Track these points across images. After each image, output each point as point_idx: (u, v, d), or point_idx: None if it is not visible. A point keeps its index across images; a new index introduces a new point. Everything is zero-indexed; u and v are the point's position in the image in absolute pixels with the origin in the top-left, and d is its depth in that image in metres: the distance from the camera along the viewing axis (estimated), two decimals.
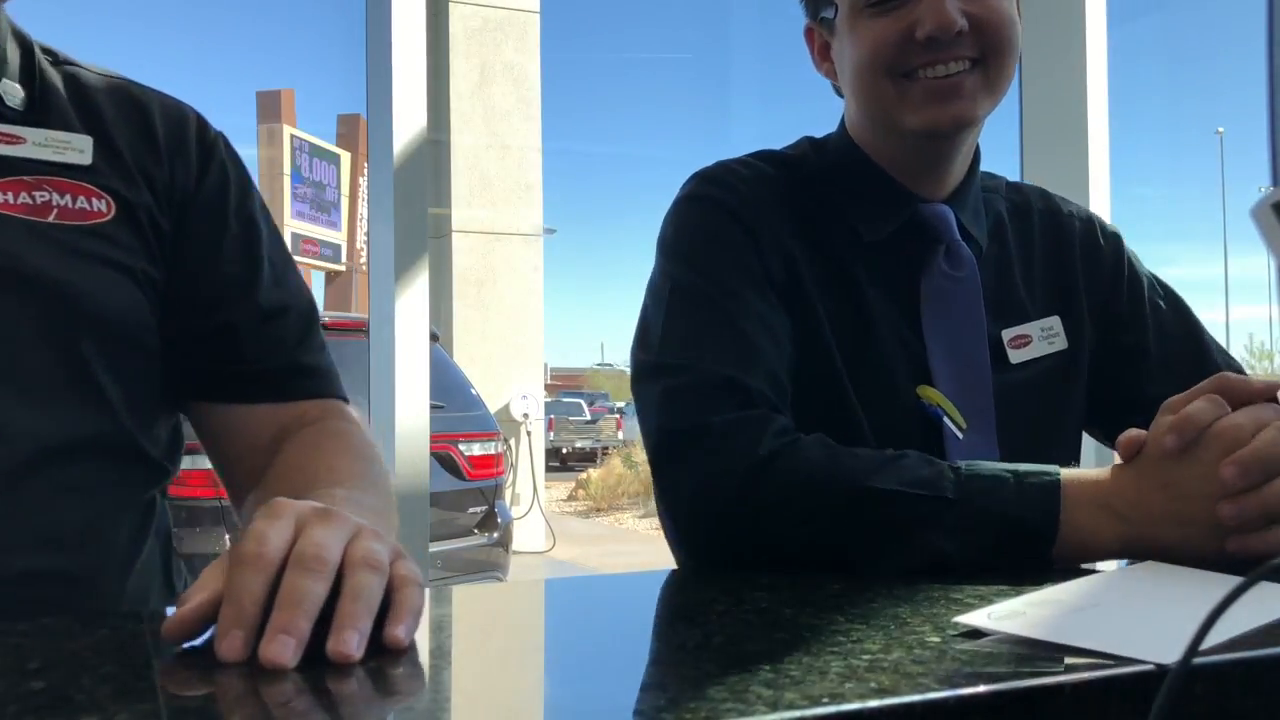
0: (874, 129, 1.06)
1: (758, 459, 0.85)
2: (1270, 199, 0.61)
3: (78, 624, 0.67)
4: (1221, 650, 0.54)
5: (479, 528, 5.17)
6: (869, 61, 1.00)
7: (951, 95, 0.99)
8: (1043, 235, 1.14)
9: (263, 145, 21.30)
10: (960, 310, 1.04)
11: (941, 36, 0.96)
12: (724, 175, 1.06)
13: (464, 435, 5.10)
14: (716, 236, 1.01)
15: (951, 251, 1.05)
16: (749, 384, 0.91)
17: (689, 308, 0.97)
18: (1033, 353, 1.07)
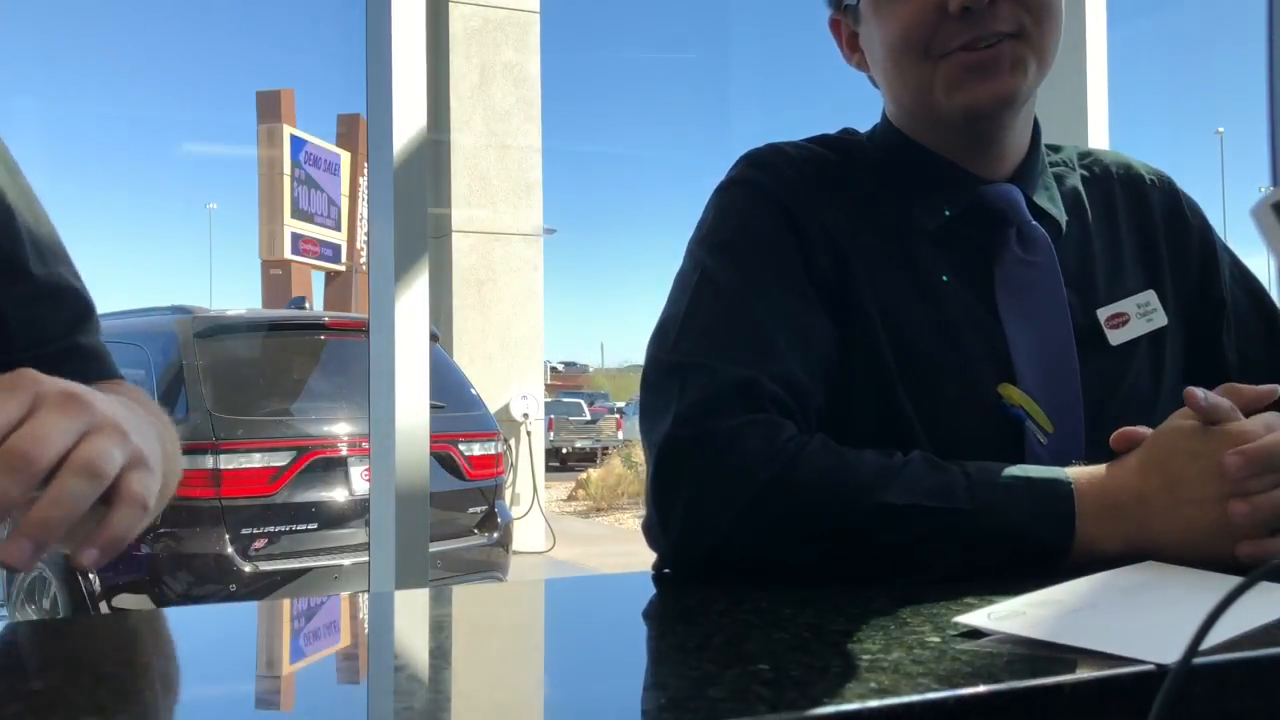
0: (914, 114, 1.00)
1: (759, 484, 0.79)
2: (1270, 199, 0.61)
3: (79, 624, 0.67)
4: (1221, 650, 0.54)
5: (479, 528, 5.17)
6: (900, 43, 0.94)
7: (992, 69, 0.92)
8: (1126, 204, 1.05)
9: (263, 145, 21.29)
10: (1040, 296, 0.96)
11: (975, 6, 0.89)
12: (773, 158, 0.99)
13: (464, 435, 5.11)
14: (757, 227, 0.95)
15: (1024, 234, 0.97)
16: (762, 388, 0.84)
17: (714, 301, 0.91)
18: (1132, 332, 0.98)
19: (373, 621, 0.77)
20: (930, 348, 0.93)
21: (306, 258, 21.66)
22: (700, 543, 0.81)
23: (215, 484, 4.33)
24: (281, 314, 5.91)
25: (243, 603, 3.47)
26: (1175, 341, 1.01)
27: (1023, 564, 0.77)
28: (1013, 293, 0.96)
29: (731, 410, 0.82)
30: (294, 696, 0.57)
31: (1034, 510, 0.78)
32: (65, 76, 63.26)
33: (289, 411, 4.77)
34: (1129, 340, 0.98)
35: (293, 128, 21.32)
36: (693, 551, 0.83)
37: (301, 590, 4.41)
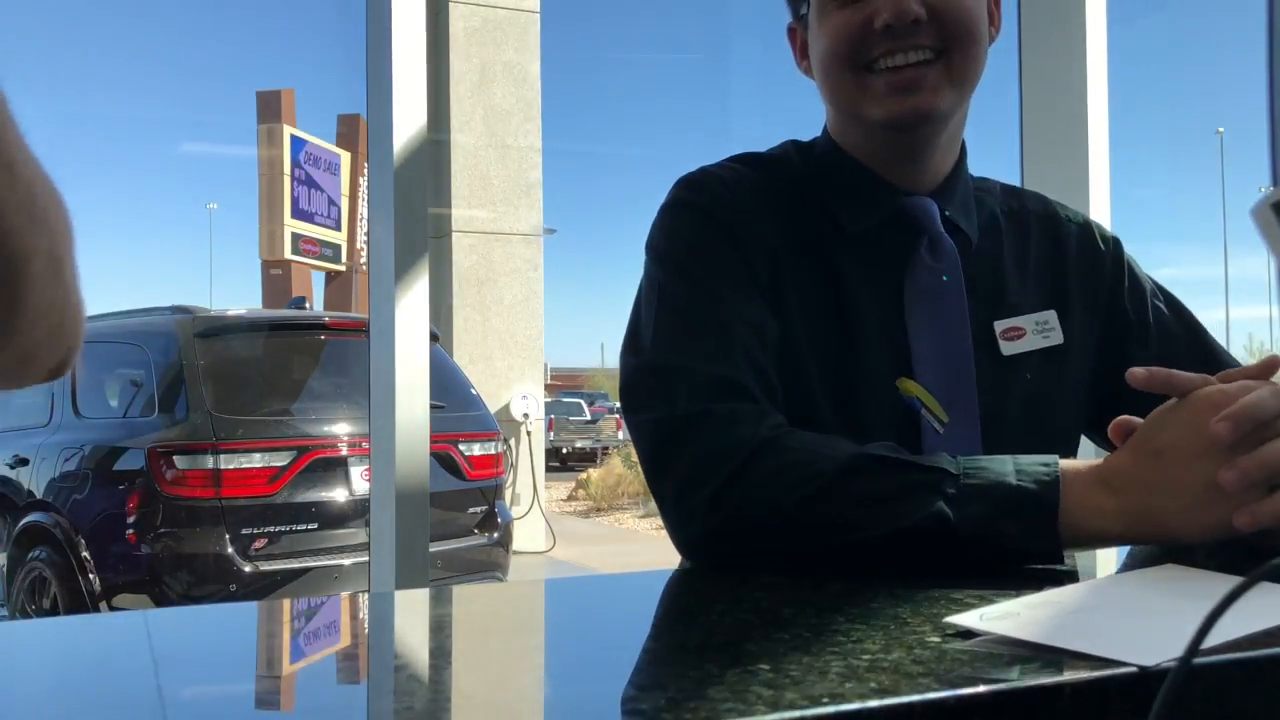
0: (845, 122, 1.08)
1: (758, 439, 0.87)
2: (1270, 199, 0.61)
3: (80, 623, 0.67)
4: (1221, 650, 0.54)
5: (479, 528, 5.17)
6: (831, 52, 1.02)
7: (911, 87, 0.99)
8: (1039, 238, 1.13)
9: (263, 145, 21.30)
10: (942, 301, 1.04)
11: (897, 24, 0.97)
12: (704, 180, 1.07)
13: (464, 435, 5.11)
14: (700, 241, 1.02)
15: (934, 243, 1.05)
16: (744, 381, 0.93)
17: (677, 310, 0.98)
18: (1026, 346, 1.06)
19: (373, 621, 0.77)
20: (840, 344, 1.02)
21: (306, 257, 21.67)
22: (700, 511, 0.87)
23: (215, 484, 4.33)
24: (281, 314, 5.91)
25: (243, 603, 3.47)
26: (1080, 359, 1.09)
27: (1017, 527, 0.78)
28: (918, 297, 1.04)
29: (718, 398, 0.91)
30: (294, 696, 0.57)
31: (1018, 470, 0.81)
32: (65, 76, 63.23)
33: (289, 411, 4.77)
34: (1022, 352, 1.06)
35: (293, 128, 21.32)
36: (695, 521, 0.88)
37: (301, 590, 4.41)
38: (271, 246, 21.45)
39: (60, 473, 4.79)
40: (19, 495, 4.97)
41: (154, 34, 66.90)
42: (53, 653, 0.66)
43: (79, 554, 4.46)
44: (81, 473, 4.72)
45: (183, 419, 4.49)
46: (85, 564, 4.43)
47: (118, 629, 0.72)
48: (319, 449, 4.60)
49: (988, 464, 0.82)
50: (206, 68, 68.01)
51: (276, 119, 21.40)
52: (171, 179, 73.62)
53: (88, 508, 4.57)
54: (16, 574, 4.82)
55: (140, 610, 0.78)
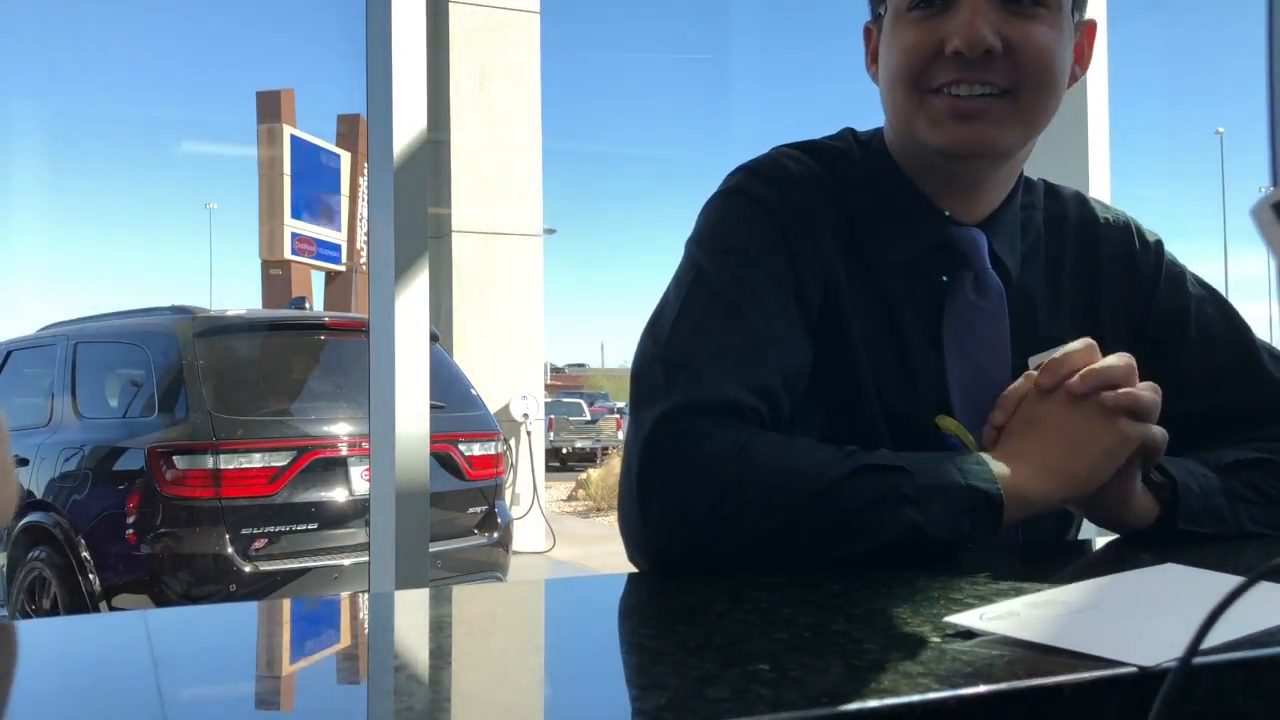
0: (901, 141, 1.04)
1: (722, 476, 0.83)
2: (1270, 199, 0.61)
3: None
4: (1221, 650, 0.54)
5: (479, 528, 5.17)
6: (897, 70, 0.98)
7: (974, 117, 0.95)
8: (1076, 253, 1.10)
9: (263, 145, 21.30)
10: (983, 340, 1.02)
11: (968, 54, 0.92)
12: (775, 173, 1.02)
13: (464, 435, 5.11)
14: (754, 239, 0.98)
15: (979, 279, 1.02)
16: (739, 395, 0.89)
17: (706, 304, 0.94)
18: None
19: (373, 621, 0.77)
20: (890, 373, 1.00)
21: (305, 257, 21.67)
22: (676, 534, 0.85)
23: (215, 484, 4.33)
24: (281, 314, 5.91)
25: (243, 603, 3.47)
26: None
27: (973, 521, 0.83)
28: (958, 332, 1.02)
29: (709, 414, 0.87)
30: (294, 696, 0.57)
31: (957, 466, 0.85)
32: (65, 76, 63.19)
33: (289, 411, 4.77)
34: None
35: (293, 128, 21.32)
36: (670, 542, 0.85)
37: (301, 590, 4.41)
38: (271, 246, 21.44)
39: (60, 473, 4.79)
40: (19, 495, 4.97)
41: (154, 33, 66.87)
42: (53, 653, 0.66)
43: (79, 554, 4.46)
44: (81, 473, 4.72)
45: (183, 419, 4.49)
46: (85, 564, 4.43)
47: (118, 629, 0.72)
48: (319, 449, 4.60)
49: (928, 462, 0.85)
50: (206, 68, 67.98)
51: (276, 119, 21.39)
52: (171, 179, 73.63)
53: (88, 508, 4.58)
54: (16, 574, 4.82)
55: (140, 610, 0.78)
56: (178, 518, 4.31)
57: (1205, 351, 1.07)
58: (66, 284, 74.57)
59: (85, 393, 5.11)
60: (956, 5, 0.94)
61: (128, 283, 76.74)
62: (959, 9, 0.93)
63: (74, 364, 5.18)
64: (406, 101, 2.16)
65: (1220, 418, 1.04)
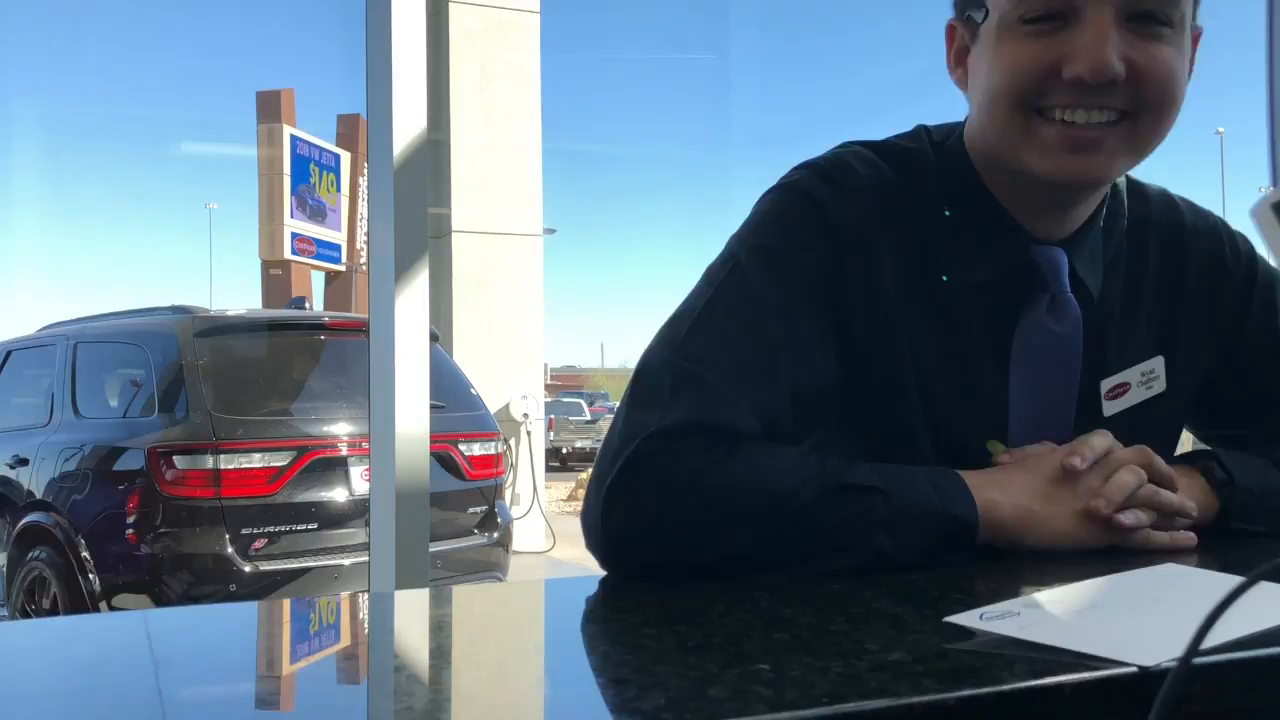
0: (993, 158, 0.96)
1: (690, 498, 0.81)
2: (1270, 199, 0.61)
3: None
4: (1221, 650, 0.54)
5: (479, 528, 5.17)
6: (1004, 87, 0.89)
7: (1088, 148, 0.88)
8: (1160, 263, 1.03)
9: (263, 145, 21.30)
10: (1053, 367, 0.96)
11: (1092, 80, 0.85)
12: (840, 176, 0.96)
13: (464, 435, 5.10)
14: (800, 239, 0.92)
15: (1056, 302, 0.95)
16: (740, 419, 0.84)
17: (733, 305, 0.90)
18: (1128, 401, 0.99)
19: (373, 621, 0.77)
20: (943, 392, 0.95)
21: (305, 257, 21.67)
22: (634, 548, 0.83)
23: (215, 484, 4.33)
24: (281, 314, 5.90)
25: (243, 603, 3.47)
26: (1179, 398, 1.03)
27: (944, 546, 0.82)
28: (1028, 357, 0.96)
29: (701, 435, 0.83)
30: (294, 696, 0.57)
31: (935, 487, 0.84)
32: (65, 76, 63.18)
33: (289, 411, 4.77)
34: (1122, 410, 1.00)
35: (293, 128, 21.33)
36: (626, 554, 0.84)
37: (301, 590, 4.41)
38: (271, 246, 21.45)
39: (60, 473, 4.79)
40: (19, 495, 4.97)
41: (154, 33, 66.87)
42: (53, 653, 0.66)
43: (79, 554, 4.46)
44: (81, 473, 4.72)
45: (183, 419, 4.49)
46: (85, 564, 4.43)
47: (118, 629, 0.72)
48: (319, 449, 4.59)
49: (910, 481, 0.83)
50: (206, 68, 67.96)
51: (276, 119, 21.40)
52: (171, 179, 73.57)
53: (88, 508, 4.57)
54: (16, 574, 4.81)
55: (140, 610, 0.78)
56: (178, 518, 4.30)
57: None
58: (66, 284, 74.55)
59: (85, 393, 5.11)
60: (1078, 23, 0.86)
61: (128, 283, 76.71)
62: (1081, 28, 0.86)
63: (74, 364, 5.18)
64: (406, 101, 2.16)
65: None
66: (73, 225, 69.63)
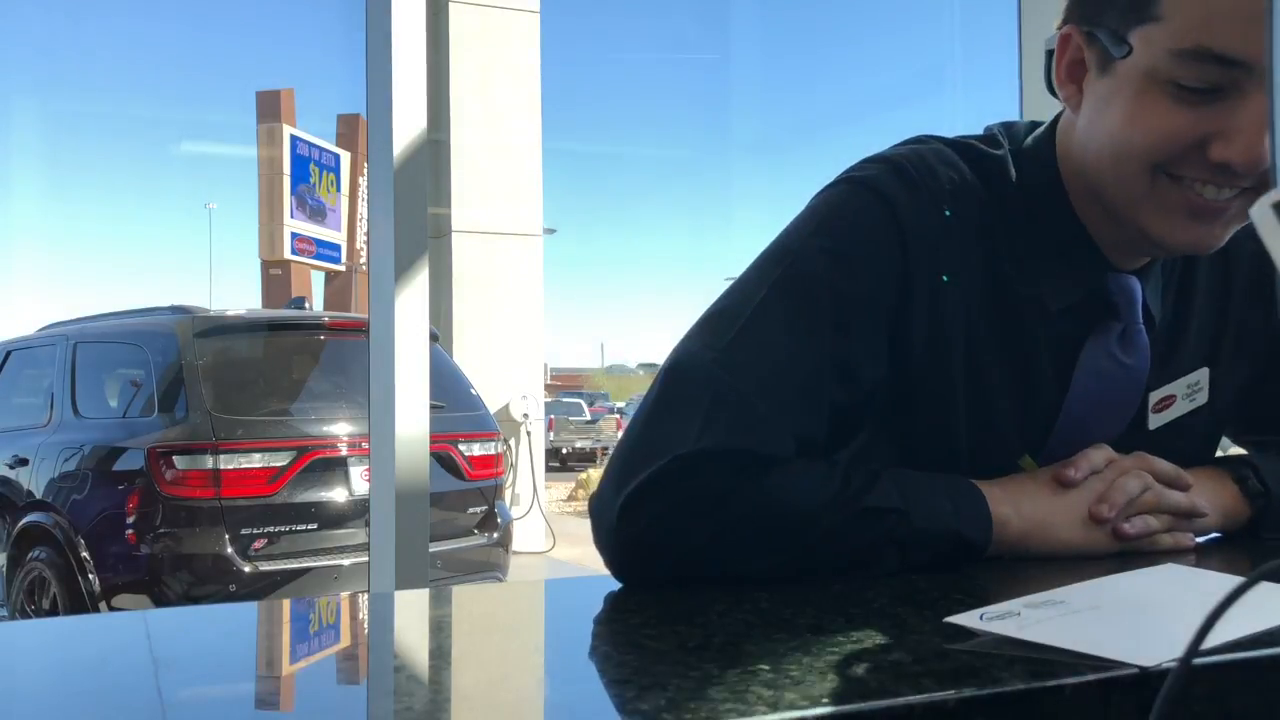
0: (1099, 195, 0.89)
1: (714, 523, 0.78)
2: (1270, 199, 0.61)
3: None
4: (1221, 650, 0.54)
5: (479, 528, 5.17)
6: (1141, 149, 0.83)
7: (1211, 219, 0.84)
8: (1209, 273, 1.00)
9: (262, 145, 21.31)
10: (1115, 395, 0.94)
11: (1243, 171, 0.79)
12: (920, 177, 0.90)
13: (464, 435, 5.10)
14: (868, 243, 0.87)
15: (1128, 334, 0.93)
16: (775, 452, 0.80)
17: (785, 309, 0.85)
18: (1173, 414, 0.98)
19: (373, 621, 0.77)
20: (998, 418, 0.93)
21: (305, 257, 21.68)
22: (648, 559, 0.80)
23: (215, 484, 4.33)
24: (281, 314, 5.90)
25: (243, 603, 3.47)
26: (1219, 407, 1.01)
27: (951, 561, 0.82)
28: (1089, 384, 0.93)
29: (732, 460, 0.79)
30: (294, 696, 0.57)
31: (955, 508, 0.83)
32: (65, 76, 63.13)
33: (289, 411, 4.77)
34: (1167, 423, 0.98)
35: (293, 128, 21.33)
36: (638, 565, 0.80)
37: (301, 590, 4.41)
38: (271, 246, 21.46)
39: (60, 473, 4.79)
40: (19, 495, 4.97)
41: (153, 33, 66.84)
42: (53, 653, 0.66)
43: (79, 554, 4.46)
44: (81, 473, 4.72)
45: (182, 419, 4.49)
46: (85, 564, 4.43)
47: (118, 629, 0.72)
48: (319, 449, 4.59)
49: (930, 499, 0.82)
50: (206, 67, 67.94)
51: (276, 119, 21.41)
52: (171, 179, 73.50)
53: (87, 508, 4.57)
54: (16, 574, 4.81)
55: (140, 610, 0.78)
56: (178, 518, 4.30)
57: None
58: (66, 284, 74.52)
59: (85, 393, 5.11)
60: (1240, 101, 0.78)
61: (128, 283, 76.65)
62: (1242, 108, 0.78)
63: (74, 364, 5.18)
64: (406, 101, 2.17)
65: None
66: (73, 225, 69.61)
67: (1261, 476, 0.94)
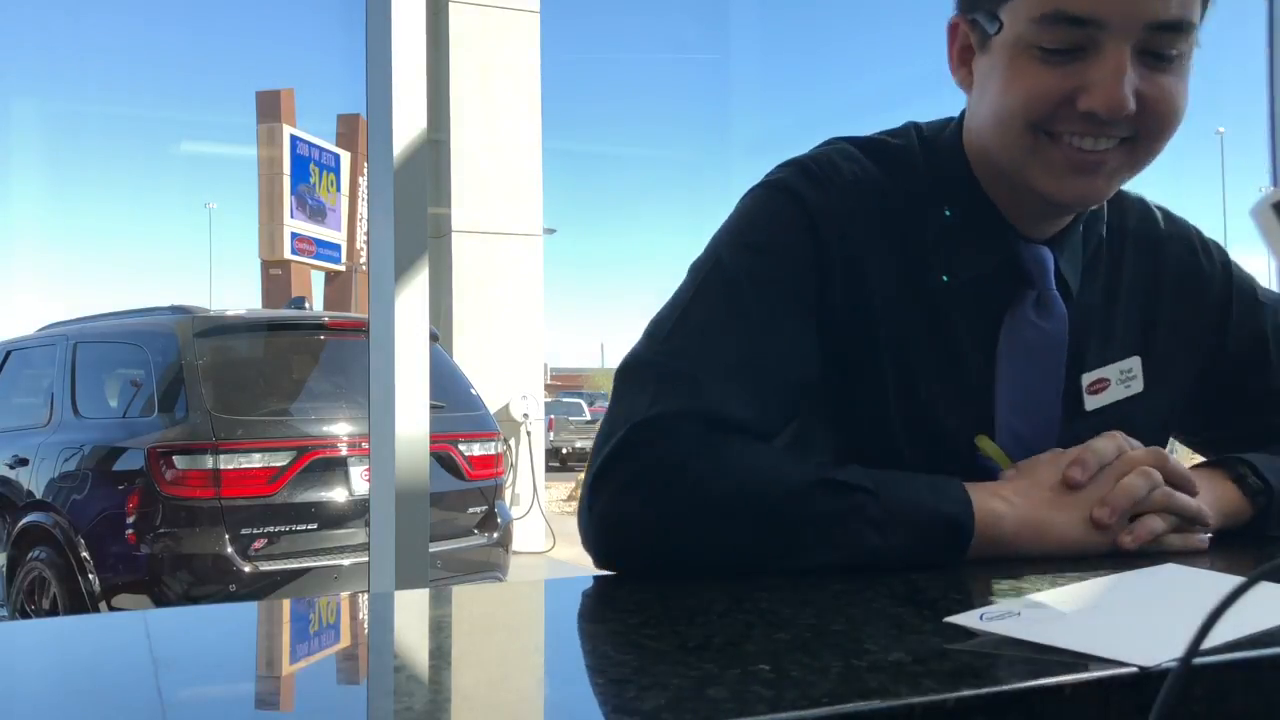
0: (994, 165, 0.97)
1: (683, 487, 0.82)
2: (1270, 199, 0.61)
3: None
4: (1221, 650, 0.54)
5: (479, 528, 5.17)
6: (1018, 110, 0.90)
7: (1092, 170, 0.91)
8: (1135, 268, 1.05)
9: (262, 145, 21.31)
10: (1039, 361, 0.98)
11: (1108, 118, 0.87)
12: (826, 173, 0.97)
13: (464, 435, 5.10)
14: (784, 238, 0.94)
15: (1043, 299, 0.98)
16: (723, 411, 0.85)
17: (716, 302, 0.91)
18: (1109, 398, 1.01)
19: (373, 621, 0.77)
20: (925, 386, 0.97)
21: (305, 257, 21.67)
22: (618, 535, 0.83)
23: (215, 484, 4.33)
24: (281, 314, 5.90)
25: (243, 603, 3.47)
26: (1160, 399, 1.05)
27: (934, 546, 0.82)
28: (1015, 352, 0.98)
29: (689, 423, 0.84)
30: (294, 696, 0.57)
31: (932, 489, 0.84)
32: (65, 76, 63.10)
33: (289, 411, 4.77)
34: (1104, 405, 1.01)
35: (293, 128, 21.33)
36: (611, 542, 0.84)
37: (301, 590, 4.41)
38: (271, 246, 21.45)
39: (60, 473, 4.79)
40: (19, 495, 4.97)
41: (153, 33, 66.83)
42: (53, 653, 0.66)
43: (79, 554, 4.46)
44: (81, 473, 4.72)
45: (182, 419, 4.49)
46: (85, 564, 4.43)
47: (118, 629, 0.72)
48: (319, 449, 4.59)
49: (902, 484, 0.84)
50: (206, 68, 67.92)
51: (276, 119, 21.40)
52: (171, 179, 73.43)
53: (88, 508, 4.57)
54: (16, 574, 4.81)
55: (140, 610, 0.78)
56: (178, 518, 4.30)
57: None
58: (66, 284, 74.49)
59: (85, 393, 5.11)
60: (1097, 56, 0.87)
61: (128, 283, 76.59)
62: (1099, 62, 0.87)
63: (74, 364, 5.18)
64: (406, 101, 2.16)
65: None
66: (73, 225, 69.59)
67: (1260, 473, 0.94)
